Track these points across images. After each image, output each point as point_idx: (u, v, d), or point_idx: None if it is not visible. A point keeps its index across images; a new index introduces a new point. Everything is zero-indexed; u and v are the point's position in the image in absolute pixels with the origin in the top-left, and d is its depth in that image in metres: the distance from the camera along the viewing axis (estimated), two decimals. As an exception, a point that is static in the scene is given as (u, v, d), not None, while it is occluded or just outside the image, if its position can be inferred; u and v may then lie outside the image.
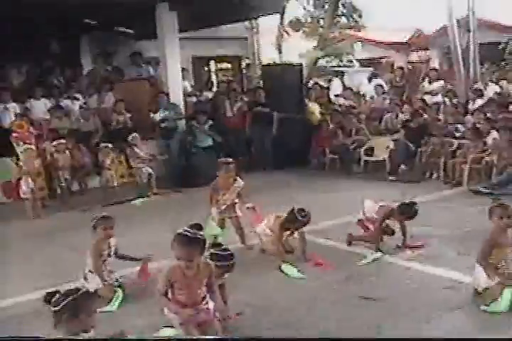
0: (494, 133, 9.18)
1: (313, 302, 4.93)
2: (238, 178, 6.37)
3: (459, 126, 10.23)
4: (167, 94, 11.13)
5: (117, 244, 5.35)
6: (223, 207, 6.28)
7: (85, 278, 5.19)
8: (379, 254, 5.90)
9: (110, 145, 9.68)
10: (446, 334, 4.28)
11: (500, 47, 16.33)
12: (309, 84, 14.51)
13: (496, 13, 19.29)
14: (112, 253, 5.29)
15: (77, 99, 11.39)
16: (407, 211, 5.98)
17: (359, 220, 6.35)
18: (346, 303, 4.86)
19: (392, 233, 6.18)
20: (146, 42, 13.08)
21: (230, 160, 6.33)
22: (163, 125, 10.77)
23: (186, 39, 12.47)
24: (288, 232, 5.99)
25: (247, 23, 16.34)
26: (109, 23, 12.36)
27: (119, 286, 5.19)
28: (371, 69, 17.15)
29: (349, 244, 6.28)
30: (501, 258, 4.68)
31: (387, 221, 6.16)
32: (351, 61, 19.68)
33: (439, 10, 14.03)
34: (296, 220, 5.79)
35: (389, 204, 6.20)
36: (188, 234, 3.91)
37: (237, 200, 6.35)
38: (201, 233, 4.03)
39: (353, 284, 5.26)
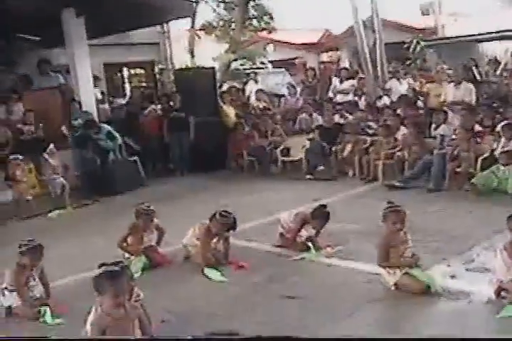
0: (404, 129, 9.51)
1: (236, 305, 4.94)
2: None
3: (371, 123, 10.53)
4: (79, 103, 10.86)
5: (42, 267, 5.18)
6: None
7: (3, 295, 5.01)
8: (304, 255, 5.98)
9: (20, 156, 9.32)
10: (368, 326, 4.40)
11: (405, 46, 16.94)
12: (223, 88, 14.55)
13: (399, 14, 20.07)
14: (36, 277, 5.11)
15: (-17, 111, 10.92)
16: (320, 215, 6.09)
17: (281, 235, 6.34)
18: (269, 304, 4.90)
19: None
20: (55, 50, 12.70)
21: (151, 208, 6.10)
22: (75, 134, 10.49)
23: (97, 46, 12.21)
24: (215, 240, 5.91)
25: (158, 27, 16.18)
26: (12, 30, 11.90)
27: None
28: (284, 70, 17.40)
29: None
30: (398, 255, 4.95)
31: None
32: (264, 63, 19.86)
33: (345, 11, 14.39)
34: (219, 224, 5.77)
35: (303, 212, 6.30)
36: (113, 269, 3.74)
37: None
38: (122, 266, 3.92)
39: (276, 285, 5.30)
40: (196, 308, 4.92)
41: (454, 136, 8.86)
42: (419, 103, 11.26)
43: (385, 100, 11.57)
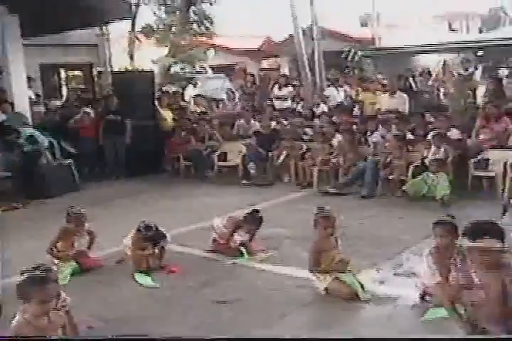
0: (338, 136, 9.67)
1: (167, 310, 4.90)
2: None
3: (307, 129, 10.66)
4: (11, 103, 10.55)
5: None
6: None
7: None
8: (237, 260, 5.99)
9: None
10: (297, 329, 4.45)
11: (343, 55, 17.29)
12: (164, 90, 14.44)
13: (338, 24, 20.47)
14: None
15: None
16: (253, 219, 6.13)
17: (214, 240, 6.32)
18: (201, 309, 4.89)
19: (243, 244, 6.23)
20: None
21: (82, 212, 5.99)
22: (6, 138, 10.16)
23: (33, 46, 11.93)
24: (146, 252, 5.82)
25: (97, 29, 15.95)
26: None
27: None
28: (223, 75, 17.43)
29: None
30: (330, 261, 5.03)
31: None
32: (204, 67, 19.84)
33: (286, 19, 14.58)
34: (145, 237, 5.72)
35: (236, 216, 6.31)
36: (38, 275, 3.58)
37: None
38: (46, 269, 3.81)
39: (208, 289, 5.29)
40: (127, 312, 4.86)
41: (386, 144, 9.07)
42: (356, 111, 11.47)
43: (322, 107, 11.75)
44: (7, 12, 10.23)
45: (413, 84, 13.04)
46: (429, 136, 8.78)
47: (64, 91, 16.61)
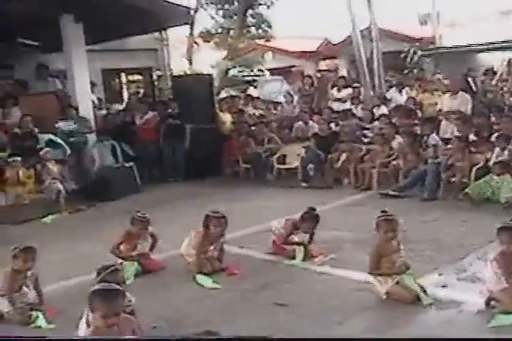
0: (398, 138, 9.54)
1: (227, 311, 4.94)
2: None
3: (367, 131, 10.56)
4: (76, 108, 10.87)
5: (36, 275, 5.14)
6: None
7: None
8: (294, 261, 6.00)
9: (19, 158, 9.31)
10: (359, 334, 4.40)
11: (403, 55, 17.01)
12: (222, 95, 14.58)
13: (397, 23, 20.16)
14: (30, 285, 5.10)
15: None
16: (309, 218, 6.11)
17: (273, 242, 6.35)
18: (259, 311, 4.91)
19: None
20: (53, 55, 12.73)
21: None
22: (71, 139, 10.50)
23: (95, 51, 12.24)
24: (212, 247, 5.90)
25: (156, 34, 16.24)
26: (11, 34, 11.92)
27: None
28: (281, 78, 17.44)
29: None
30: (391, 264, 4.96)
31: None
32: (262, 70, 19.91)
33: (344, 20, 14.49)
34: (215, 220, 5.77)
35: (293, 218, 6.31)
36: (108, 287, 3.60)
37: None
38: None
39: (267, 292, 5.31)
40: (188, 314, 4.93)
41: (449, 146, 8.89)
42: (418, 112, 11.28)
43: (382, 109, 11.61)
44: (73, 21, 10.56)
45: (472, 84, 12.73)
46: (493, 138, 8.56)
47: (125, 95, 16.97)
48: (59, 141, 10.18)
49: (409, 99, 11.96)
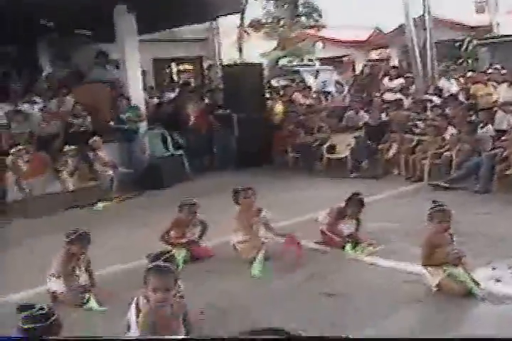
0: (452, 129, 9.33)
1: (273, 301, 4.94)
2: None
3: (418, 122, 10.37)
4: (127, 97, 11.03)
5: (88, 258, 5.31)
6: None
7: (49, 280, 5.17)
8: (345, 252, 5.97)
9: (74, 147, 9.53)
10: (409, 328, 4.35)
11: (457, 45, 16.62)
12: (273, 84, 14.54)
13: (452, 11, 19.67)
14: (82, 267, 5.25)
15: (36, 103, 11.20)
16: (354, 202, 6.06)
17: (322, 231, 6.32)
18: (307, 301, 4.90)
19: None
20: (106, 45, 12.93)
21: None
22: (124, 127, 10.66)
23: (146, 41, 12.37)
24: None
25: (207, 23, 16.31)
26: (67, 25, 12.17)
27: None
28: (332, 67, 17.30)
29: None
30: (444, 256, 4.85)
31: None
32: (312, 60, 19.80)
33: (396, 8, 14.22)
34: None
35: (339, 205, 6.26)
36: (162, 264, 3.86)
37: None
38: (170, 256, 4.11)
39: (315, 281, 5.30)
40: (236, 302, 4.96)
41: (504, 137, 8.65)
42: (468, 103, 11.01)
43: (435, 99, 11.38)
44: (126, 11, 10.69)
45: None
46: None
47: (176, 84, 17.12)
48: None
49: (463, 90, 11.69)
